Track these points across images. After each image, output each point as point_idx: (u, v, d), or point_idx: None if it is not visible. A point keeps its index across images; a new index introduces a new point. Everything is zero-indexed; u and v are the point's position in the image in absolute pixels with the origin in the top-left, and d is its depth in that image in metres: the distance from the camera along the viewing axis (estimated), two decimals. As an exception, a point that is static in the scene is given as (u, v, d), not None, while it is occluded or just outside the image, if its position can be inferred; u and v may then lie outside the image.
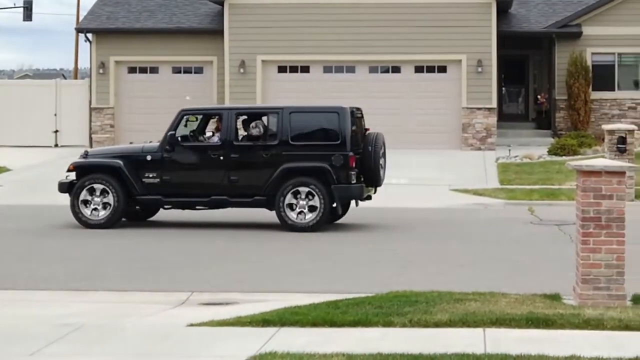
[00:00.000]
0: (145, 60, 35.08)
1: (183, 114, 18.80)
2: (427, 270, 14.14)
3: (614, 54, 34.92)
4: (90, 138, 35.09)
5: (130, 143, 20.64)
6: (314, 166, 17.87)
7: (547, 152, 31.48)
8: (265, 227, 18.51)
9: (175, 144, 18.39)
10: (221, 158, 18.13)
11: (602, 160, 11.88)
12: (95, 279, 13.62)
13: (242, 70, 33.51)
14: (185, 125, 18.82)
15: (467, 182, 26.54)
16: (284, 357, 8.80)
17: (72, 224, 18.61)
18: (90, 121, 35.20)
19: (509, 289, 12.00)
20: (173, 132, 18.47)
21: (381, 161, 18.72)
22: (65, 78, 46.66)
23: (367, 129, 19.16)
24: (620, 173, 11.10)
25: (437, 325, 10.05)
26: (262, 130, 18.45)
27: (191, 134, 18.85)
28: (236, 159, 18.14)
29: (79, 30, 37.73)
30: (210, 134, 19.25)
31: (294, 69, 34.03)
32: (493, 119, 33.30)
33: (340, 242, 17.00)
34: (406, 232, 18.16)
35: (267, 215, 18.70)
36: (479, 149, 32.85)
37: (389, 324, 10.12)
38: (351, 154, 17.93)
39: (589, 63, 34.33)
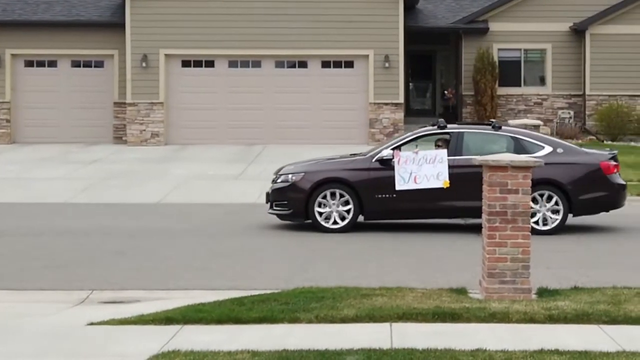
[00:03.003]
0: (43, 53, 34.28)
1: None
2: (334, 266, 14.03)
3: (520, 49, 35.30)
4: (-14, 133, 34.23)
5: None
6: None
7: (454, 147, 31.64)
8: (166, 228, 18.24)
9: None
10: None
11: (508, 155, 12.00)
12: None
13: (144, 65, 33.04)
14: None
15: (375, 177, 26.49)
16: (187, 356, 8.65)
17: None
18: (-15, 116, 34.30)
19: (416, 283, 12.01)
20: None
21: None
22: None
23: None
24: (525, 168, 11.20)
25: (344, 320, 10.01)
26: None
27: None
28: None
29: (-27, 21, 36.73)
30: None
31: (198, 64, 33.66)
32: (400, 114, 33.40)
33: (241, 238, 16.81)
34: (310, 228, 18.01)
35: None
36: (386, 144, 32.89)
37: (295, 320, 10.04)
38: None
39: (496, 59, 34.65)
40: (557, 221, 17.20)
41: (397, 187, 17.36)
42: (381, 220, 18.11)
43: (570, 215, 17.37)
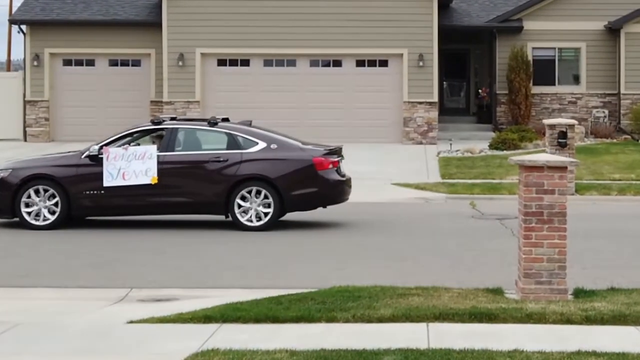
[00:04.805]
0: (81, 52, 34.59)
1: None
2: (370, 265, 14.08)
3: (554, 48, 35.18)
4: (25, 131, 34.54)
5: None
6: None
7: (488, 146, 31.64)
8: (198, 225, 18.35)
9: None
10: None
11: (544, 155, 11.93)
12: (32, 276, 13.38)
13: (180, 64, 33.23)
14: None
15: (409, 176, 26.56)
16: (226, 354, 8.70)
17: (6, 222, 18.25)
18: (25, 114, 34.62)
19: (452, 283, 12.01)
20: None
21: None
22: (-2, 70, 45.84)
23: None
24: (562, 168, 11.14)
25: (381, 320, 10.02)
26: None
27: None
28: None
29: (12, 21, 37.07)
30: None
31: (233, 62, 33.80)
32: (434, 113, 33.38)
33: (278, 238, 16.88)
34: (347, 227, 18.09)
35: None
36: (420, 143, 32.91)
37: (332, 319, 10.06)
38: None
39: (530, 57, 34.56)
40: (269, 217, 17.32)
41: (105, 184, 17.49)
42: (91, 217, 18.15)
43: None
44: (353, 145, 31.57)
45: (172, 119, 18.57)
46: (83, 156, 17.76)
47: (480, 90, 37.10)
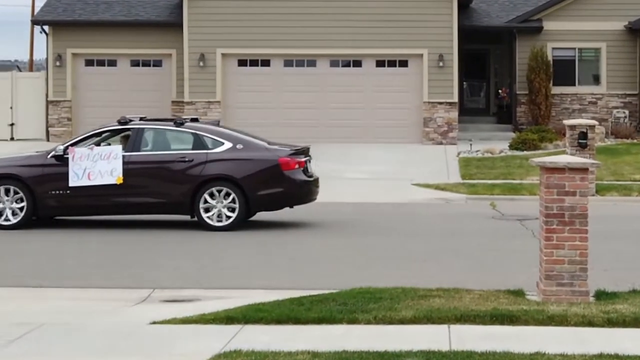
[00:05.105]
0: (103, 52, 34.76)
1: None
2: (390, 266, 14.11)
3: (574, 48, 35.10)
4: (47, 131, 34.73)
5: None
6: None
7: (509, 146, 31.60)
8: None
9: None
10: None
11: (565, 157, 11.90)
12: (51, 276, 13.46)
13: (201, 64, 33.32)
14: None
15: (429, 176, 26.56)
16: (248, 356, 8.73)
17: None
18: (47, 114, 34.82)
19: (473, 284, 12.01)
20: None
21: None
22: (20, 70, 45.93)
23: None
24: (583, 169, 11.12)
25: (402, 322, 10.03)
26: None
27: None
28: None
29: (34, 21, 37.30)
30: None
31: (254, 63, 33.88)
32: (454, 113, 33.36)
33: (296, 237, 16.92)
34: (367, 227, 18.13)
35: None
36: (440, 143, 32.90)
37: (353, 321, 10.08)
38: None
39: (550, 58, 34.48)
40: (234, 217, 17.32)
41: (71, 184, 17.53)
42: (57, 216, 18.19)
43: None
44: (373, 146, 31.68)
45: (141, 119, 18.62)
46: (49, 156, 17.85)
47: (500, 91, 37.06)
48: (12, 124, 35.56)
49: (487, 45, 38.31)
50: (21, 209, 17.57)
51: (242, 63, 33.80)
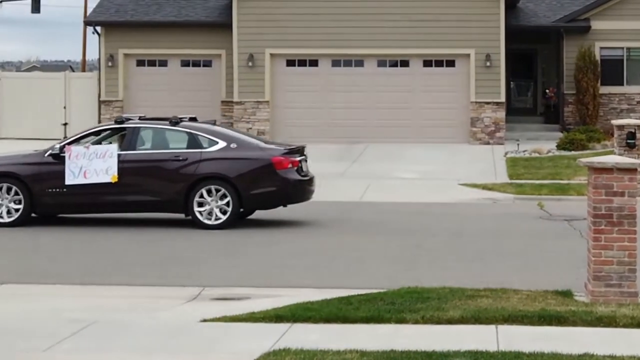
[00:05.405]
0: (153, 53, 35.13)
1: None
2: (437, 266, 14.16)
3: (622, 48, 34.88)
4: (99, 131, 35.09)
5: None
6: None
7: (556, 146, 31.48)
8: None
9: None
10: None
11: (614, 157, 11.85)
12: (103, 273, 13.65)
13: (250, 64, 33.52)
14: None
15: (476, 176, 26.53)
16: (297, 354, 8.80)
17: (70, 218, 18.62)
18: (100, 114, 35.25)
19: (520, 285, 12.02)
20: None
21: None
22: (73, 70, 46.70)
23: None
24: (631, 170, 11.07)
25: (450, 322, 10.06)
26: None
27: None
28: None
29: (87, 22, 37.78)
30: None
31: (302, 63, 34.02)
32: (502, 113, 33.29)
33: (347, 236, 17.01)
34: (414, 227, 18.17)
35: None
36: (488, 143, 32.85)
37: (401, 320, 10.12)
38: None
39: (598, 57, 34.30)
40: (228, 215, 17.38)
41: (67, 182, 17.64)
42: (54, 214, 18.30)
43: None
44: (420, 146, 31.69)
45: (140, 118, 18.81)
46: (46, 155, 18.07)
47: (547, 90, 36.90)
48: (65, 124, 36.04)
49: (534, 44, 38.16)
50: (18, 207, 17.80)
51: (290, 63, 33.96)
